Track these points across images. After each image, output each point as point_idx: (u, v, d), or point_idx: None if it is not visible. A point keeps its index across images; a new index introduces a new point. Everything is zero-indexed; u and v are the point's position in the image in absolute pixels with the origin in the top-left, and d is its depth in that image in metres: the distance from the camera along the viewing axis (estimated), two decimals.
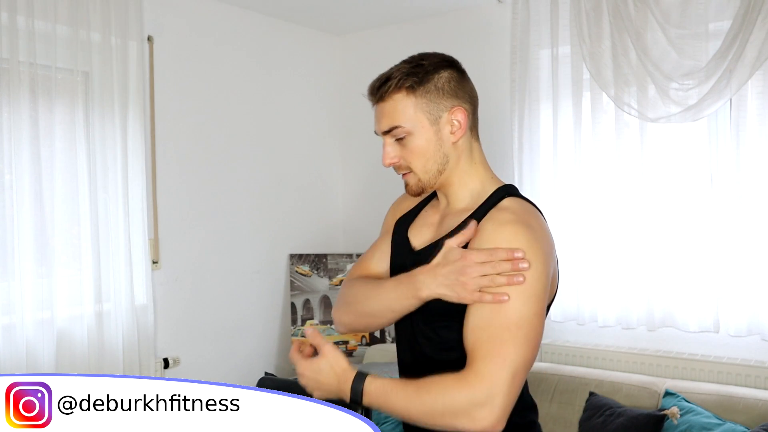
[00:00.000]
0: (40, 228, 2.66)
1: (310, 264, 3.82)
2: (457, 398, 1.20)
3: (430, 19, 3.77)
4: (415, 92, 1.33)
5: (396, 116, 1.33)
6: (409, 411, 1.24)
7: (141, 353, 2.99)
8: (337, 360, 1.29)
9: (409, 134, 1.34)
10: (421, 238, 1.43)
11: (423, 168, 1.36)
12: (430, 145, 1.35)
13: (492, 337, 1.21)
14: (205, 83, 3.41)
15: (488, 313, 1.22)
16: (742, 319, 2.84)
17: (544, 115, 3.28)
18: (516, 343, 1.21)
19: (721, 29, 2.80)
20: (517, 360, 1.21)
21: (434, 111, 1.34)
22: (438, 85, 1.35)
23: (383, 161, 1.37)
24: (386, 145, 1.36)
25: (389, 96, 1.34)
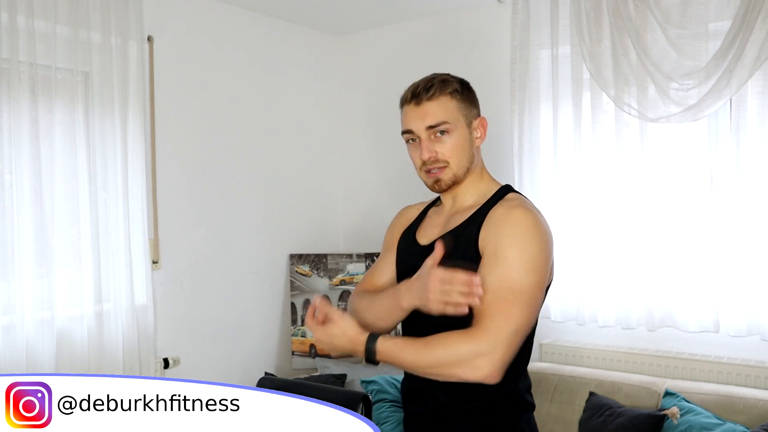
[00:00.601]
0: (40, 228, 2.66)
1: (310, 264, 3.82)
2: (462, 349, 1.37)
3: (430, 19, 3.77)
4: (457, 97, 1.55)
5: (443, 113, 1.52)
6: (418, 363, 1.42)
7: (141, 353, 2.99)
8: (348, 325, 1.46)
9: (450, 132, 1.53)
10: (429, 237, 1.60)
11: (458, 163, 1.54)
12: (466, 143, 1.55)
13: (498, 299, 1.38)
14: (205, 83, 3.41)
15: (496, 280, 1.39)
16: (742, 319, 2.84)
17: (544, 115, 3.28)
18: (520, 306, 1.39)
19: (721, 29, 2.80)
20: (519, 320, 1.40)
21: (469, 116, 1.56)
22: (469, 97, 1.58)
23: (422, 155, 1.53)
24: (425, 141, 1.53)
25: (437, 96, 1.53)
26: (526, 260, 1.42)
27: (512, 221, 1.45)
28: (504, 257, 1.42)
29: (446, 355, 1.38)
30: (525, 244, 1.43)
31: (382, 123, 3.98)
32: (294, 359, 3.74)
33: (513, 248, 1.42)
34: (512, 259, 1.41)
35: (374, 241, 3.95)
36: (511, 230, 1.44)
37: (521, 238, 1.43)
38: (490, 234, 1.46)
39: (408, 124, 1.56)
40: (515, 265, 1.41)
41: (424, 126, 1.53)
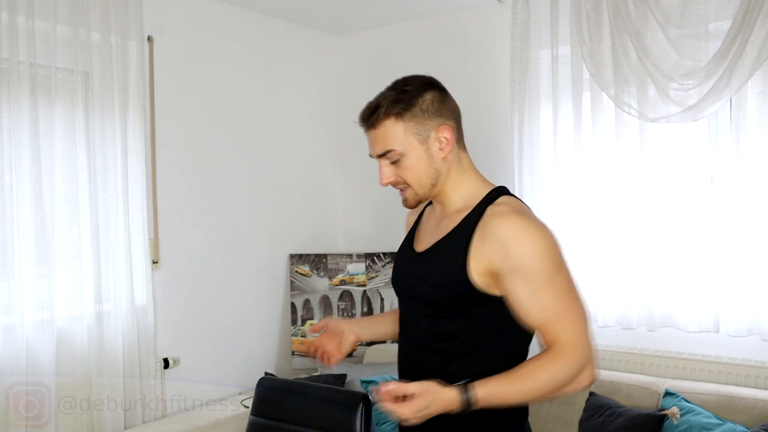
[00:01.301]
0: (40, 228, 2.66)
1: (310, 264, 3.81)
2: (563, 372, 1.39)
3: (430, 19, 3.77)
4: (403, 117, 1.47)
5: (388, 141, 1.48)
6: (523, 399, 1.43)
7: (141, 353, 2.99)
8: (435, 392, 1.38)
9: (402, 155, 1.48)
10: (422, 242, 1.59)
11: (418, 183, 1.51)
12: (422, 162, 1.49)
13: (558, 311, 1.40)
14: (205, 83, 3.41)
15: (539, 295, 1.39)
16: (742, 319, 2.84)
17: (544, 115, 3.28)
18: (574, 303, 1.42)
19: (721, 29, 2.80)
20: (582, 315, 1.43)
21: (422, 132, 1.48)
22: (423, 107, 1.48)
23: (380, 181, 1.52)
24: (382, 167, 1.51)
25: (380, 123, 1.47)
26: (552, 263, 1.41)
27: (514, 232, 1.41)
28: (533, 271, 1.40)
29: (551, 382, 1.39)
30: (542, 250, 1.41)
31: None
32: (294, 359, 3.74)
33: (535, 259, 1.40)
34: (542, 269, 1.40)
35: (374, 241, 3.95)
36: (519, 242, 1.40)
37: (535, 246, 1.41)
38: (497, 251, 1.41)
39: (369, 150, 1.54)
40: (547, 272, 1.40)
41: (375, 155, 1.51)
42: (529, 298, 1.40)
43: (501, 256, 1.40)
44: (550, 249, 1.42)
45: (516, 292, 1.41)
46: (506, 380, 1.40)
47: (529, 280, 1.39)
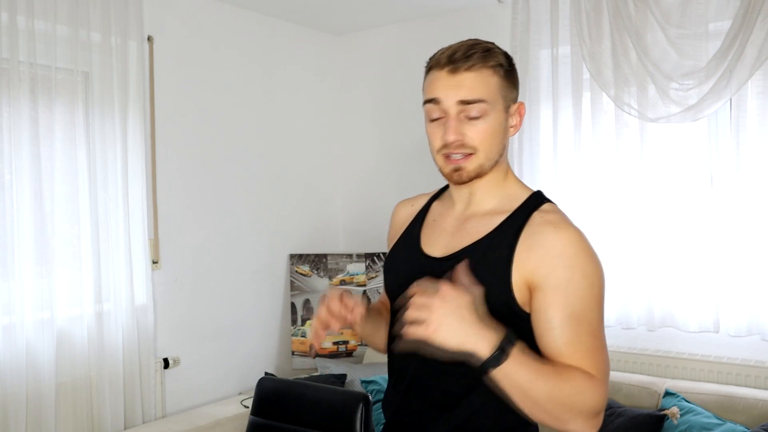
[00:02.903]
0: (40, 228, 2.66)
1: (310, 264, 3.81)
2: (589, 400, 1.17)
3: (430, 19, 3.77)
4: (500, 73, 1.28)
5: (482, 90, 1.25)
6: (541, 391, 1.14)
7: (141, 353, 2.99)
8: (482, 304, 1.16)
9: (486, 113, 1.26)
10: (437, 245, 1.34)
11: (488, 152, 1.28)
12: (500, 130, 1.29)
13: (590, 348, 1.20)
14: (205, 83, 3.41)
15: (574, 323, 1.19)
16: (742, 319, 2.84)
17: (544, 115, 3.28)
18: (603, 347, 1.23)
19: (721, 29, 2.80)
20: (608, 364, 1.23)
21: (508, 98, 1.30)
22: (512, 74, 1.31)
23: (447, 135, 1.26)
24: (452, 119, 1.26)
25: (477, 68, 1.25)
26: (596, 294, 1.22)
27: (569, 247, 1.22)
28: (575, 294, 1.20)
29: (573, 397, 1.16)
30: (591, 275, 1.22)
31: (382, 123, 3.98)
32: (294, 359, 3.74)
33: (582, 282, 1.21)
34: (585, 297, 1.21)
35: (374, 241, 3.95)
36: (574, 260, 1.21)
37: (586, 269, 1.22)
38: (545, 263, 1.21)
39: (435, 92, 1.27)
40: (590, 303, 1.21)
41: (457, 99, 1.25)
42: (561, 322, 1.19)
43: (547, 269, 1.21)
44: (599, 279, 1.24)
45: (548, 312, 1.20)
46: (541, 361, 1.18)
47: (568, 303, 1.19)
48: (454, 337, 1.11)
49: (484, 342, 1.12)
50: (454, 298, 1.12)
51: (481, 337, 1.12)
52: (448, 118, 1.26)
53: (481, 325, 1.12)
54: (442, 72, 1.27)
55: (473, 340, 1.11)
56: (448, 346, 1.11)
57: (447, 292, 1.12)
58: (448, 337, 1.11)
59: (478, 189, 1.33)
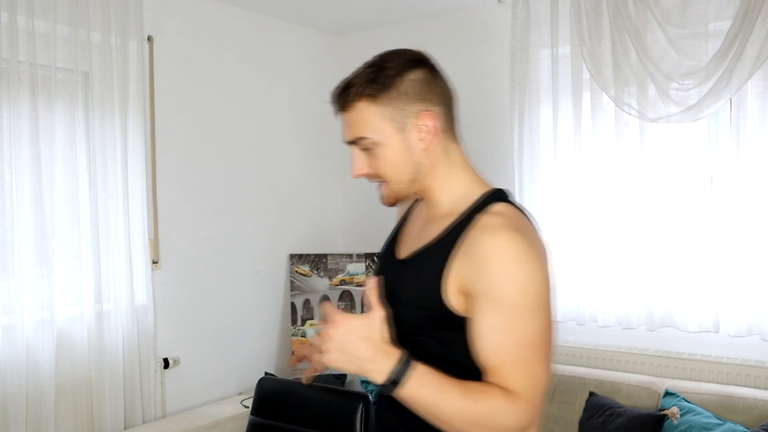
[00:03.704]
0: (40, 228, 2.66)
1: (310, 264, 3.81)
2: (506, 420, 1.13)
3: (430, 19, 3.77)
4: (376, 100, 1.24)
5: (360, 127, 1.26)
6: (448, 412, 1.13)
7: (141, 353, 2.99)
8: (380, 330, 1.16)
9: (376, 145, 1.26)
10: (405, 247, 1.37)
11: (396, 178, 1.28)
12: (399, 154, 1.26)
13: (519, 359, 1.14)
14: (205, 83, 3.41)
15: (502, 334, 1.15)
16: (742, 319, 2.84)
17: (544, 115, 3.28)
18: (540, 361, 1.16)
19: (721, 29, 2.80)
20: (544, 377, 1.17)
21: (399, 118, 1.25)
22: (402, 89, 1.25)
23: (352, 172, 1.31)
24: (354, 156, 1.30)
25: (351, 105, 1.26)
26: (531, 303, 1.15)
27: (500, 253, 1.15)
28: (503, 303, 1.15)
29: (486, 417, 1.13)
30: (524, 282, 1.15)
31: None
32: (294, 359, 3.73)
33: (511, 290, 1.14)
34: (515, 305, 1.14)
35: (374, 241, 3.94)
36: (503, 266, 1.15)
37: (517, 276, 1.15)
38: (474, 271, 1.17)
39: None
40: (521, 312, 1.15)
41: (346, 140, 1.30)
42: (489, 331, 1.15)
43: (478, 276, 1.16)
44: (536, 285, 1.16)
45: (477, 321, 1.16)
46: (448, 380, 1.14)
47: (498, 312, 1.15)
48: (348, 365, 1.14)
49: (377, 372, 1.13)
50: (346, 328, 1.14)
51: (375, 368, 1.13)
52: (352, 154, 1.31)
53: (374, 354, 1.14)
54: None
55: (365, 370, 1.14)
56: (347, 372, 1.14)
57: (339, 322, 1.15)
58: (342, 365, 1.14)
59: (431, 195, 1.33)
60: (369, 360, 1.14)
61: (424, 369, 1.14)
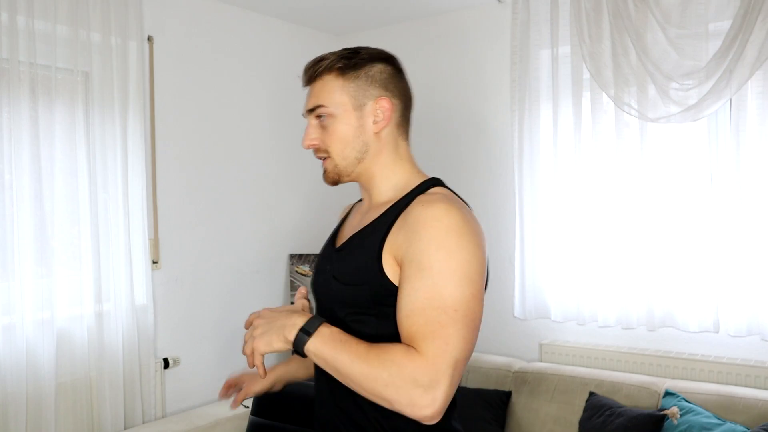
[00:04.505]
0: (40, 228, 2.66)
1: (310, 264, 3.81)
2: (403, 372, 1.14)
3: (430, 19, 3.77)
4: (344, 75, 1.34)
5: (322, 96, 1.34)
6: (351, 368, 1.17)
7: (141, 353, 2.99)
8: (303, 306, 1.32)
9: (331, 117, 1.34)
10: (343, 238, 1.44)
11: (341, 154, 1.36)
12: (351, 130, 1.34)
13: (430, 320, 1.16)
14: (205, 83, 3.41)
15: (422, 297, 1.18)
16: (742, 319, 2.84)
17: (544, 115, 3.28)
18: (456, 327, 1.16)
19: (721, 29, 2.80)
20: (458, 345, 1.16)
21: (360, 97, 1.34)
22: (369, 73, 1.35)
23: (302, 142, 1.38)
24: (308, 127, 1.37)
25: (320, 76, 1.35)
26: (456, 269, 1.18)
27: (432, 221, 1.20)
28: (429, 267, 1.18)
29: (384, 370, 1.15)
30: (452, 249, 1.18)
31: None
32: None
33: (438, 255, 1.18)
34: (439, 269, 1.17)
35: None
36: (433, 232, 1.20)
37: (446, 242, 1.19)
38: (407, 238, 1.22)
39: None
40: (444, 276, 1.17)
41: (306, 109, 1.38)
42: (411, 293, 1.19)
43: (408, 242, 1.22)
44: (465, 255, 1.19)
45: (404, 285, 1.21)
46: (354, 339, 1.20)
47: (422, 276, 1.18)
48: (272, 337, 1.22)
49: (292, 327, 1.21)
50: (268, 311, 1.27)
51: (289, 324, 1.22)
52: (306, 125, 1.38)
53: (288, 316, 1.23)
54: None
55: (283, 330, 1.21)
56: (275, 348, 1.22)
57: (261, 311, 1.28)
58: (268, 339, 1.22)
59: (371, 183, 1.40)
60: (285, 320, 1.23)
61: (334, 328, 1.22)
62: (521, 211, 3.29)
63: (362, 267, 1.29)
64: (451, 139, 3.64)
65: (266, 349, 1.22)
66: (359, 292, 1.29)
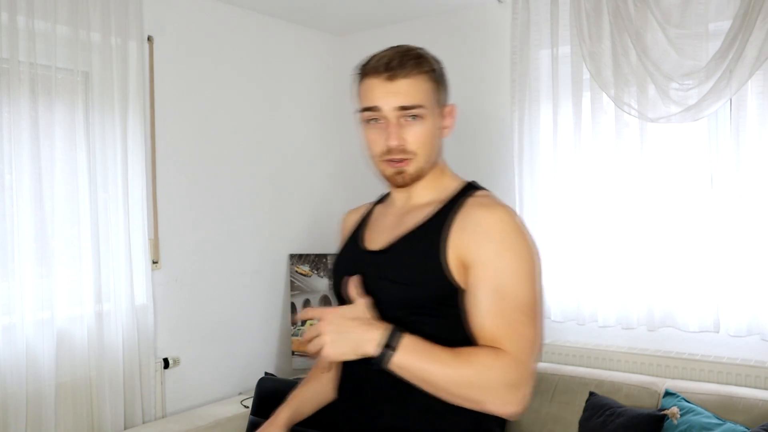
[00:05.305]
0: (40, 228, 2.66)
1: (310, 264, 3.81)
2: (495, 375, 1.18)
3: (430, 19, 3.77)
4: (433, 77, 1.34)
5: (419, 96, 1.31)
6: (441, 376, 1.19)
7: (141, 353, 2.99)
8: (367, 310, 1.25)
9: (424, 117, 1.32)
10: (378, 240, 1.40)
11: (428, 156, 1.35)
12: (435, 132, 1.36)
13: (511, 321, 1.21)
14: (205, 83, 3.41)
15: (500, 296, 1.22)
16: (742, 319, 2.84)
17: (544, 115, 3.28)
18: (533, 324, 1.23)
19: (721, 29, 2.80)
20: (537, 341, 1.24)
21: (441, 101, 1.37)
22: (443, 78, 1.38)
23: (390, 140, 1.31)
24: (393, 125, 1.31)
25: (414, 74, 1.31)
26: (525, 269, 1.25)
27: (499, 224, 1.26)
28: (502, 269, 1.23)
29: (475, 377, 1.18)
30: (520, 250, 1.25)
31: None
32: (294, 359, 3.74)
33: (509, 256, 1.24)
34: (512, 271, 1.23)
35: None
36: (502, 235, 1.25)
37: (514, 244, 1.25)
38: (473, 241, 1.25)
39: (374, 100, 1.32)
40: (517, 276, 1.23)
41: (396, 105, 1.30)
42: (486, 295, 1.23)
43: (476, 246, 1.25)
44: (530, 256, 1.26)
45: (476, 287, 1.24)
46: (437, 347, 1.20)
47: (495, 277, 1.23)
48: (344, 346, 1.20)
49: (370, 342, 1.19)
50: (334, 315, 1.23)
51: (367, 339, 1.20)
52: (388, 124, 1.32)
53: (365, 329, 1.20)
54: (379, 79, 1.32)
55: (360, 344, 1.20)
56: (346, 357, 1.21)
57: (326, 314, 1.23)
58: (339, 348, 1.20)
59: (416, 186, 1.40)
60: (362, 333, 1.20)
61: (415, 337, 1.21)
62: (521, 211, 3.29)
63: (422, 267, 1.28)
64: (451, 138, 3.62)
65: (337, 359, 1.21)
66: (419, 292, 1.28)
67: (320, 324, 1.22)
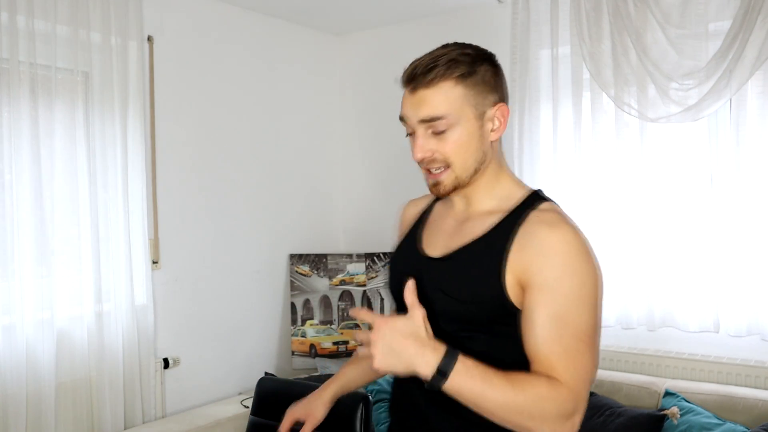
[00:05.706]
0: (40, 228, 2.66)
1: (310, 264, 3.81)
2: (550, 406, 1.15)
3: (430, 19, 3.77)
4: (465, 82, 1.25)
5: (441, 106, 1.24)
6: (494, 402, 1.14)
7: (141, 353, 2.99)
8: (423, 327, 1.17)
9: (452, 126, 1.25)
10: (436, 245, 1.35)
11: (464, 165, 1.27)
12: (473, 140, 1.26)
13: (569, 349, 1.17)
14: (205, 83, 3.41)
15: (560, 322, 1.17)
16: (742, 319, 2.84)
17: (544, 115, 3.28)
18: (591, 353, 1.20)
19: (721, 29, 2.80)
20: (593, 370, 1.20)
21: (480, 105, 1.27)
22: (485, 78, 1.28)
23: (414, 155, 1.27)
24: (419, 137, 1.26)
25: (436, 83, 1.24)
26: (588, 295, 1.20)
27: (563, 245, 1.20)
28: (563, 295, 1.18)
29: (530, 406, 1.14)
30: (584, 276, 1.20)
31: (382, 123, 3.98)
32: (294, 359, 3.74)
33: (572, 282, 1.19)
34: (574, 297, 1.18)
35: (374, 241, 3.95)
36: (565, 259, 1.19)
37: (579, 269, 1.20)
38: (535, 262, 1.19)
39: (402, 110, 1.29)
40: (578, 304, 1.19)
41: (418, 119, 1.26)
42: (546, 321, 1.17)
43: (537, 268, 1.19)
44: (593, 281, 1.22)
45: (534, 310, 1.18)
46: (492, 372, 1.15)
47: (554, 302, 1.17)
48: (397, 364, 1.15)
49: (424, 365, 1.14)
50: (389, 329, 1.15)
51: (421, 362, 1.14)
52: (416, 135, 1.27)
53: (418, 350, 1.14)
54: (406, 90, 1.28)
55: (413, 364, 1.14)
56: (395, 372, 1.16)
57: (381, 325, 1.16)
58: (391, 364, 1.15)
59: (473, 192, 1.33)
60: (416, 355, 1.14)
61: (469, 360, 1.15)
62: None
63: (480, 285, 1.23)
64: None
65: (387, 372, 1.17)
66: (475, 309, 1.24)
67: (373, 333, 1.16)
